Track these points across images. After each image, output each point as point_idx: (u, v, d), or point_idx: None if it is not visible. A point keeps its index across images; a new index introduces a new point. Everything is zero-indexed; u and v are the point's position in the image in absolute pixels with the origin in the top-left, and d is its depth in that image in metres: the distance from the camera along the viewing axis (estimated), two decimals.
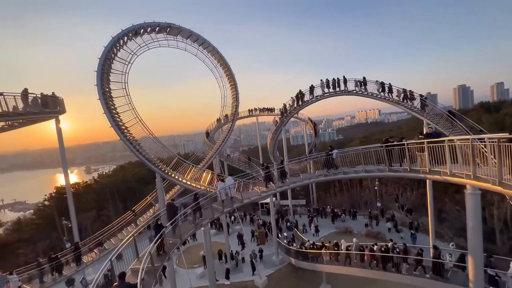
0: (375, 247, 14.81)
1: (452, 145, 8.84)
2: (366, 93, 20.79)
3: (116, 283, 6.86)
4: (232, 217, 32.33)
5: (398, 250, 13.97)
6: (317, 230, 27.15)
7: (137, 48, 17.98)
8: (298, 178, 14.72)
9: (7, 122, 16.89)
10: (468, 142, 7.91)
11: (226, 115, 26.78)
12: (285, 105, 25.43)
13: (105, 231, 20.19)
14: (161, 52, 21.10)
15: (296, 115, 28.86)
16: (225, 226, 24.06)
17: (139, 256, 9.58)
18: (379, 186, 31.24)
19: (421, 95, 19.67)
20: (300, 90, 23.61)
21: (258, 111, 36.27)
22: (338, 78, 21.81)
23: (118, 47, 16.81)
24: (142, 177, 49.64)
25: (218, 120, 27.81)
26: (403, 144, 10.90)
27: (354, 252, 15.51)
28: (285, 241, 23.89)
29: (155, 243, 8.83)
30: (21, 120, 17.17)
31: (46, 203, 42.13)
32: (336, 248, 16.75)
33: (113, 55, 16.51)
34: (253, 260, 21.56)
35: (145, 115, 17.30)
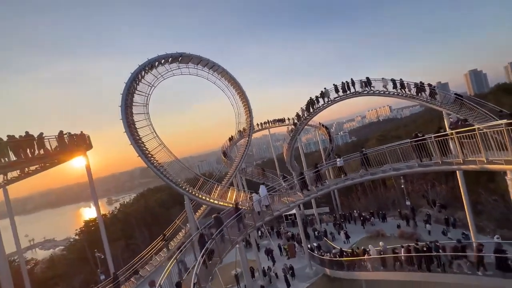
0: (412, 247, 14.11)
1: (483, 132, 8.71)
2: (378, 91, 20.78)
3: None
4: (259, 232, 31.97)
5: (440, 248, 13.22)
6: (347, 237, 26.34)
7: (154, 80, 19.11)
8: (339, 180, 14.48)
9: (41, 164, 18.08)
10: (502, 127, 7.79)
11: (239, 131, 27.49)
12: (298, 113, 25.73)
13: (138, 259, 20.54)
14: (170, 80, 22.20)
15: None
16: (254, 242, 23.85)
17: (184, 278, 9.74)
18: (405, 184, 30.19)
19: (429, 85, 19.50)
20: (310, 97, 23.94)
21: (269, 123, 36.70)
22: (347, 81, 22.02)
23: (137, 81, 17.95)
24: (164, 202, 50.61)
25: (231, 138, 28.49)
26: (440, 136, 10.42)
27: (400, 254, 14.64)
28: (315, 251, 23.31)
29: (202, 256, 8.94)
30: (56, 160, 18.35)
31: (76, 237, 43.42)
32: (366, 254, 16.15)
33: (133, 89, 17.62)
34: (286, 275, 21.11)
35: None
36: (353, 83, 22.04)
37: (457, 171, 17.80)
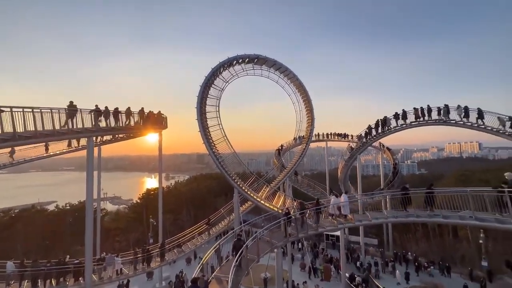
0: None
1: None
2: (482, 126, 17.44)
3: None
4: (299, 245, 31.02)
5: None
6: (407, 278, 23.10)
7: (230, 77, 20.68)
8: (400, 213, 13.04)
9: (126, 134, 21.66)
10: None
11: (295, 138, 27.23)
12: (367, 131, 23.98)
13: (183, 235, 22.58)
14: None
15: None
16: (289, 253, 23.33)
17: (221, 265, 10.30)
18: (485, 240, 24.69)
19: None
20: (385, 116, 22.00)
21: (330, 135, 35.21)
22: (439, 107, 19.39)
23: (215, 76, 19.75)
24: (212, 189, 54.19)
25: (295, 139, 28.42)
26: None
27: None
28: (355, 283, 21.28)
29: (239, 255, 9.34)
30: (139, 133, 21.78)
31: (138, 201, 50.41)
32: None
33: (210, 83, 19.45)
34: None
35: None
36: (439, 110, 19.33)
37: None
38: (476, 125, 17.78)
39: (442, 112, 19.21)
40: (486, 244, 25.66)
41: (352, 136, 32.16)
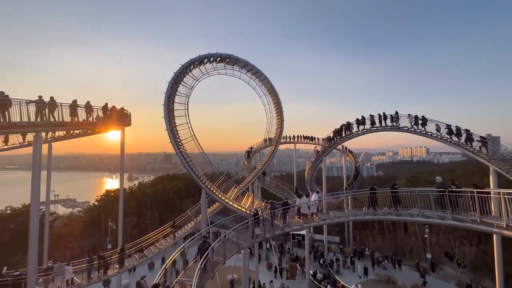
0: None
1: None
2: (429, 133, 19.60)
3: None
4: (268, 245, 31.38)
5: None
6: (366, 273, 24.74)
7: (200, 75, 20.18)
8: (359, 212, 13.92)
9: (84, 130, 19.81)
10: None
11: (265, 140, 27.65)
12: (331, 135, 25.29)
13: (145, 239, 21.33)
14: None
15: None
16: (256, 253, 23.49)
17: (186, 269, 9.95)
18: (429, 234, 27.78)
19: (481, 137, 18.05)
20: (348, 121, 23.45)
21: (299, 138, 36.38)
22: (392, 115, 21.27)
23: (184, 74, 19.11)
24: (179, 190, 52.21)
25: (265, 140, 28.71)
26: (483, 192, 9.70)
27: None
28: (319, 280, 22.27)
29: (205, 258, 9.11)
30: (97, 129, 20.04)
31: (95, 203, 46.35)
32: None
33: (179, 80, 18.76)
34: None
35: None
36: (397, 117, 21.29)
37: (494, 235, 16.05)
38: (424, 131, 19.96)
39: (393, 118, 21.25)
40: (430, 238, 28.92)
41: (318, 139, 33.68)
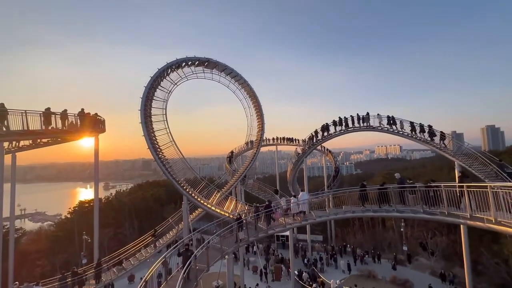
0: None
1: (495, 191, 8.58)
2: (396, 131, 20.83)
3: None
4: (254, 247, 31.21)
5: None
6: (349, 268, 25.57)
7: (178, 79, 19.79)
8: (339, 210, 14.33)
9: (53, 139, 18.58)
10: None
11: (246, 143, 27.70)
12: (310, 136, 25.90)
13: (124, 250, 20.35)
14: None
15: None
16: (241, 257, 23.33)
17: (168, 279, 9.62)
18: (405, 228, 29.28)
19: (441, 132, 19.63)
20: (326, 123, 24.19)
21: (281, 140, 36.82)
22: (363, 115, 22.31)
23: (161, 78, 18.64)
24: (159, 197, 50.44)
25: (246, 143, 28.68)
26: (439, 186, 10.66)
27: None
28: (304, 280, 22.55)
29: (187, 267, 8.88)
30: (67, 137, 18.86)
31: (68, 216, 43.39)
32: None
33: (156, 84, 18.26)
34: None
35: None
36: (368, 117, 22.38)
37: (461, 226, 17.32)
38: (392, 130, 21.23)
39: (364, 119, 22.44)
40: (406, 231, 30.51)
41: (299, 140, 34.37)
